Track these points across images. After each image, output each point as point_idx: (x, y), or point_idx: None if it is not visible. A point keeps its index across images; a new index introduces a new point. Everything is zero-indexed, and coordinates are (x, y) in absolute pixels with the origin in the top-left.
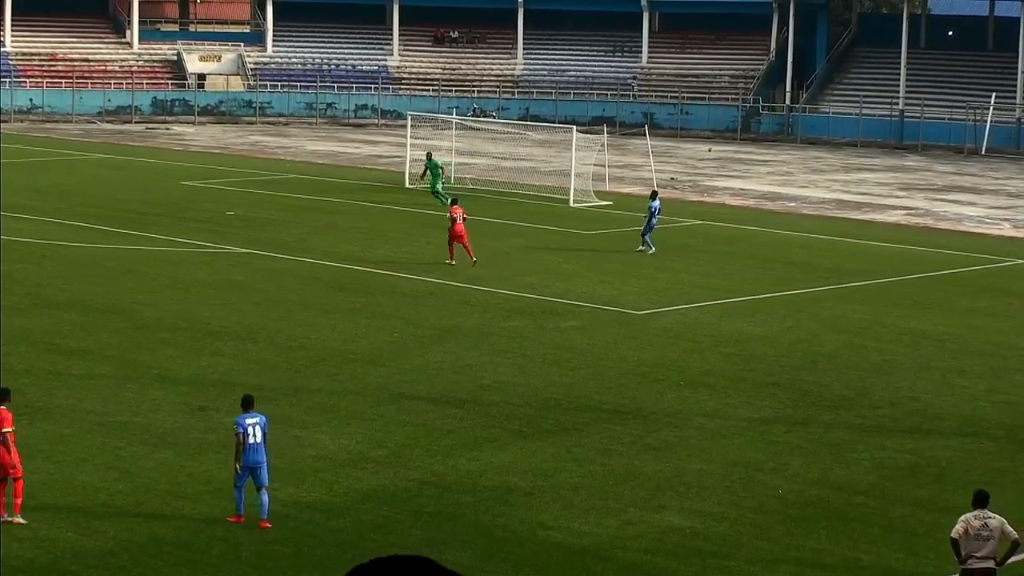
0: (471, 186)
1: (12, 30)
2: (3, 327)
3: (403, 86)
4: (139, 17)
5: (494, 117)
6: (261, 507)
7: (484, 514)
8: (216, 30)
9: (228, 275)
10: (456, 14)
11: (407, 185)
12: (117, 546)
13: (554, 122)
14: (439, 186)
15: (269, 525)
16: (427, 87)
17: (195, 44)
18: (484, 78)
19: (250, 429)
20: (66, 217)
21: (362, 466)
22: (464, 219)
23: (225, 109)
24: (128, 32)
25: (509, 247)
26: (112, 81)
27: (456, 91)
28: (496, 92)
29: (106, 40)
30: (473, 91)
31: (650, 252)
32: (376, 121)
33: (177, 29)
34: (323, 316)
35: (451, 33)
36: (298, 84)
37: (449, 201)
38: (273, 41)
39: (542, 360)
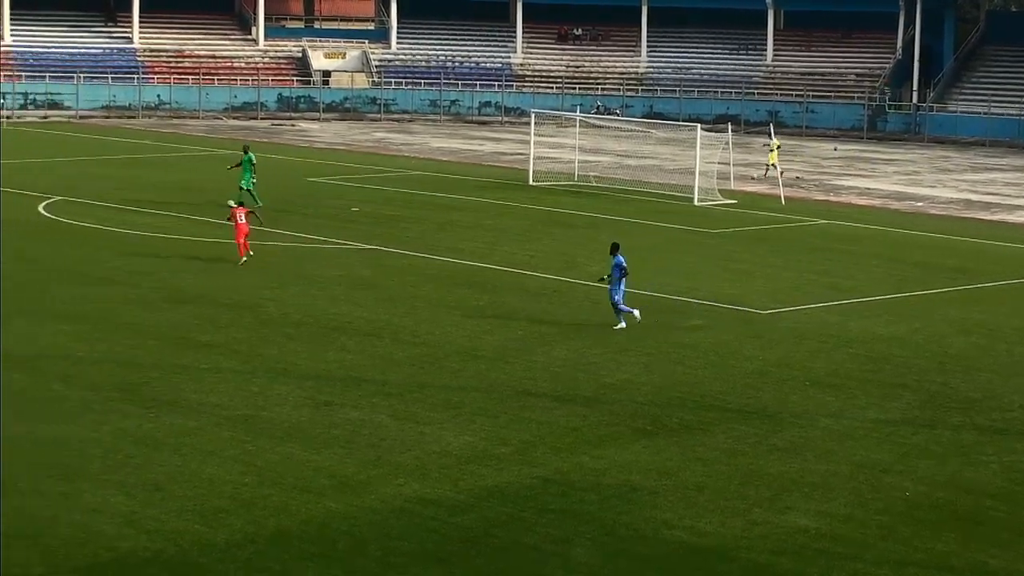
0: (594, 184)
1: (140, 27)
2: (132, 321)
3: (527, 83)
4: (265, 14)
5: (618, 115)
6: None
7: (608, 512)
8: (341, 27)
9: (353, 271)
10: (580, 12)
11: (531, 182)
12: (244, 539)
13: (678, 120)
14: (250, 183)
15: None
16: (551, 84)
17: (320, 41)
18: (608, 76)
19: None
20: (193, 212)
21: (486, 463)
22: (246, 217)
23: (350, 106)
24: (254, 29)
25: (633, 245)
26: (238, 78)
27: (580, 88)
28: (620, 90)
29: (232, 37)
30: (597, 89)
31: (635, 320)
32: (500, 118)
33: (302, 26)
34: (447, 313)
35: (575, 30)
36: (422, 81)
37: (235, 203)
38: (397, 38)
39: (666, 359)
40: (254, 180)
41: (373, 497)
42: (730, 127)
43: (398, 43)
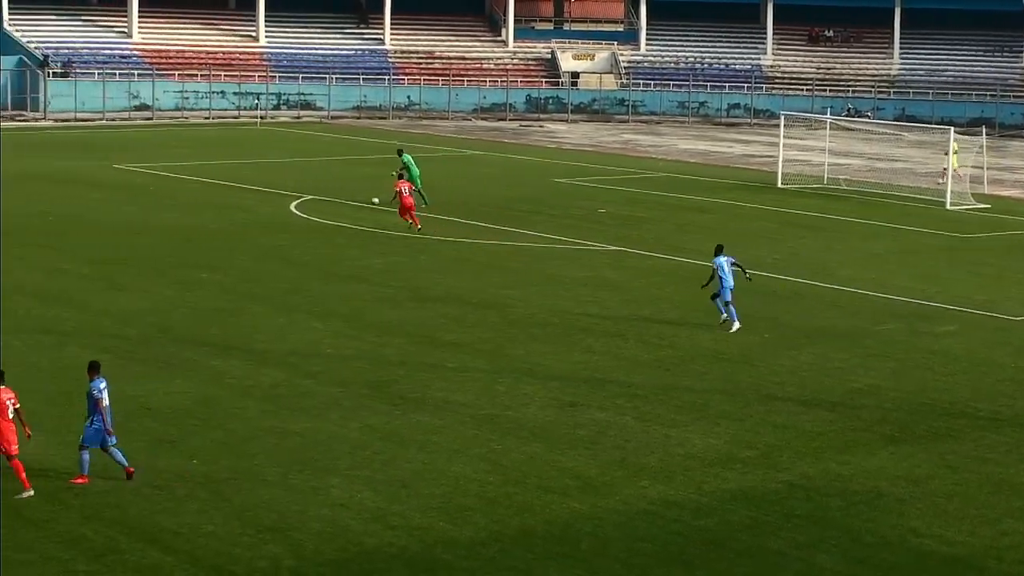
0: (844, 186)
1: (392, 28)
2: (380, 319)
3: (776, 85)
4: (515, 16)
5: (869, 117)
6: (82, 464)
7: (854, 519)
8: (590, 29)
9: (599, 272)
10: (831, 13)
11: (779, 185)
12: (488, 537)
13: (930, 123)
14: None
15: (88, 480)
16: (800, 86)
17: (569, 43)
18: (859, 78)
19: (104, 393)
20: (441, 212)
21: (730, 466)
22: (410, 191)
23: (598, 107)
24: (504, 31)
25: (883, 249)
26: (487, 79)
27: (830, 91)
28: (871, 92)
29: (482, 39)
30: (847, 91)
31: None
32: (748, 120)
33: (552, 28)
34: (692, 314)
35: (826, 32)
36: (671, 83)
37: (396, 176)
38: (646, 40)
39: (915, 364)
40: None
41: (617, 498)
42: (984, 130)
43: (647, 44)
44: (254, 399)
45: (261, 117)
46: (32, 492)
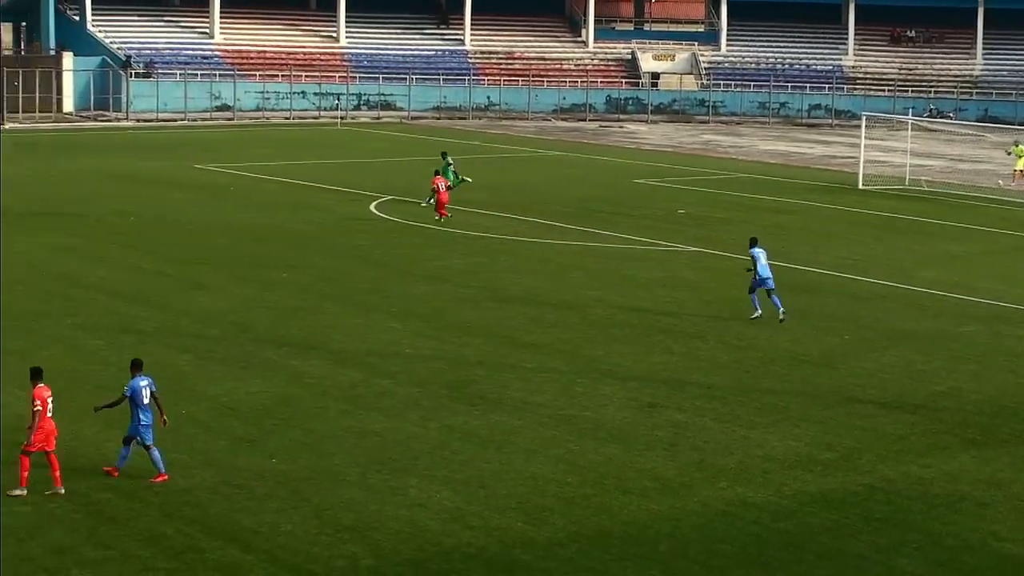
0: (926, 188)
1: (472, 29)
2: (459, 319)
3: (858, 86)
4: (595, 16)
5: (951, 118)
6: (155, 463)
7: (935, 522)
8: (670, 29)
9: (678, 273)
10: (913, 13)
11: (860, 186)
12: (566, 537)
13: (1014, 124)
14: (457, 181)
15: (167, 476)
16: (882, 87)
17: (649, 43)
18: (941, 78)
19: (143, 391)
20: (520, 212)
21: (810, 468)
22: (448, 188)
23: (678, 108)
24: (584, 31)
25: (964, 251)
26: (567, 79)
27: (912, 91)
28: (953, 93)
29: (562, 39)
30: (929, 92)
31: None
32: (830, 121)
33: (632, 28)
34: (772, 316)
35: (908, 32)
36: (751, 83)
37: (435, 172)
38: (727, 40)
39: (997, 367)
40: (449, 183)
41: (695, 500)
42: None
43: (728, 45)
44: (333, 399)
45: (341, 117)
46: (25, 492)
